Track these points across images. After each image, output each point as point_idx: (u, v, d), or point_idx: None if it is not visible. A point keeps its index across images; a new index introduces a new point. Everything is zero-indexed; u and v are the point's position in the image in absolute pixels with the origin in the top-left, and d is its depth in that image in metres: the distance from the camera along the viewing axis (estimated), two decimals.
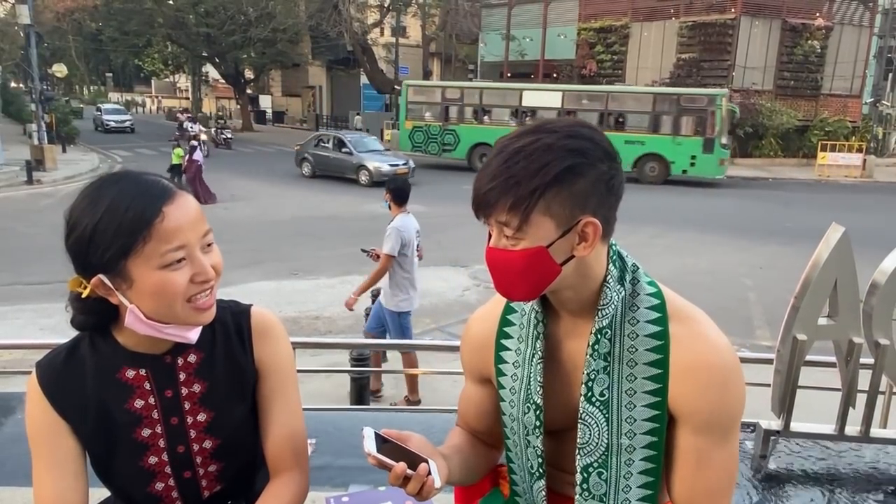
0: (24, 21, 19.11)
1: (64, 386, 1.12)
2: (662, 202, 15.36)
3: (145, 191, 1.04)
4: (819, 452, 2.46)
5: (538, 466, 1.17)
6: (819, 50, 25.36)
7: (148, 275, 1.02)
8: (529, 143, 1.00)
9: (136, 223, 1.00)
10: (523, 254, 1.01)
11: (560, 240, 1.01)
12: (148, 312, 1.06)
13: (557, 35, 29.18)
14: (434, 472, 1.03)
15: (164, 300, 1.04)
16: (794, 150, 25.16)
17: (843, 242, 2.10)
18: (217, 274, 1.10)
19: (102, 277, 1.04)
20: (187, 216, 1.05)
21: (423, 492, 1.02)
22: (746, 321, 7.22)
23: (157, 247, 1.01)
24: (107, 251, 1.01)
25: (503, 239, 1.03)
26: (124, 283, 1.04)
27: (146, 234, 1.00)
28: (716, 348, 1.06)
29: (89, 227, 1.01)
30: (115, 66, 61.40)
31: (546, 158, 0.98)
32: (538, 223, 1.00)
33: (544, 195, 0.98)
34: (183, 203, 1.06)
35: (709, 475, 1.08)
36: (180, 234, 1.03)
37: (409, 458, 1.03)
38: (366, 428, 1.05)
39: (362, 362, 4.46)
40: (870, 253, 2.68)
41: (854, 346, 2.21)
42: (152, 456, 1.15)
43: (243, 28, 32.89)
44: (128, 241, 1.00)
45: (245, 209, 13.70)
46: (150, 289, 1.03)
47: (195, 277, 1.06)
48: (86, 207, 1.03)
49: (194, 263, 1.06)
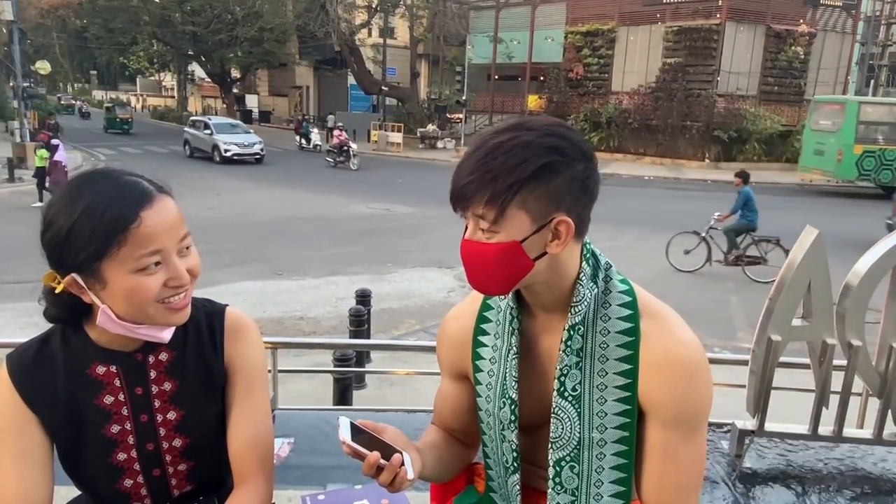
0: (6, 17, 18.91)
1: (34, 378, 1.11)
2: (645, 205, 15.47)
3: (124, 194, 1.03)
4: (793, 452, 2.49)
5: (513, 461, 1.18)
6: (802, 56, 25.67)
7: (121, 278, 1.02)
8: (509, 140, 1.02)
9: (112, 227, 1.00)
10: (497, 247, 1.03)
11: (534, 235, 1.03)
12: (120, 313, 1.06)
13: (545, 38, 29.32)
14: (408, 464, 1.04)
15: (135, 302, 1.05)
16: (777, 154, 25.43)
17: (816, 245, 2.14)
18: (193, 277, 1.10)
19: (76, 276, 1.04)
20: (164, 221, 1.05)
21: (396, 483, 1.02)
22: (727, 323, 7.29)
23: (132, 251, 1.01)
24: (81, 252, 1.01)
25: (478, 232, 1.05)
26: (97, 284, 1.04)
27: (121, 239, 1.00)
28: (684, 344, 1.08)
29: (65, 228, 1.01)
30: (99, 63, 60.93)
31: (525, 155, 1.00)
32: (513, 218, 1.01)
33: (521, 190, 1.00)
34: (161, 207, 1.05)
35: (676, 471, 1.09)
36: (156, 239, 1.03)
37: (384, 449, 1.03)
38: (342, 417, 1.06)
39: (345, 363, 4.45)
40: (846, 255, 2.73)
41: (827, 347, 2.25)
42: (121, 452, 1.15)
43: (230, 27, 32.76)
44: (103, 244, 1.00)
45: (229, 209, 13.63)
46: (123, 291, 1.03)
47: (169, 282, 1.06)
48: (63, 206, 1.02)
49: (169, 268, 1.06)
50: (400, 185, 18.30)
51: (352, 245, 10.81)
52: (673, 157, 25.35)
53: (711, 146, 24.69)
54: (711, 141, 24.63)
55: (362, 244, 10.88)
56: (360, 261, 9.67)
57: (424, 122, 30.87)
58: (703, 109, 24.30)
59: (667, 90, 24.78)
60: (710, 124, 24.30)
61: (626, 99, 26.23)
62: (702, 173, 23.19)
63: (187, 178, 16.87)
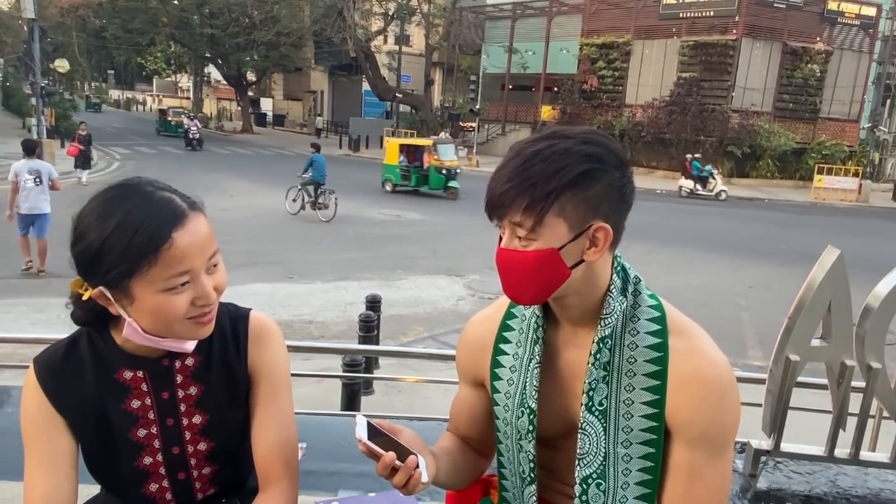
0: (28, 15, 19.11)
1: (62, 382, 1.11)
2: (656, 219, 15.41)
3: (157, 213, 1.02)
4: (808, 474, 2.46)
5: (530, 471, 1.17)
6: (818, 74, 25.59)
7: (150, 296, 1.02)
8: (546, 147, 1.02)
9: (144, 247, 0.99)
10: (535, 255, 1.02)
11: (571, 243, 1.02)
12: (146, 328, 1.06)
13: (560, 49, 29.37)
14: (423, 467, 1.03)
15: (162, 319, 1.04)
16: (790, 172, 25.32)
17: (838, 265, 2.11)
18: (219, 293, 1.10)
19: (104, 290, 1.04)
20: (195, 242, 1.04)
21: (410, 485, 1.02)
22: (739, 340, 7.23)
23: (162, 272, 1.01)
24: (111, 270, 1.00)
25: (515, 240, 1.04)
26: (125, 299, 1.04)
27: (152, 260, 1.00)
28: (713, 363, 1.07)
29: (96, 243, 1.00)
30: (117, 63, 61.48)
31: (563, 162, 1.00)
32: (552, 225, 1.01)
33: (560, 198, 1.00)
34: (193, 227, 1.04)
35: (699, 491, 1.08)
36: (186, 260, 1.03)
37: (399, 450, 1.03)
38: (359, 415, 1.06)
39: (354, 368, 4.44)
40: (863, 277, 2.70)
41: (846, 369, 2.21)
42: (147, 456, 1.15)
43: (247, 30, 33.02)
44: (133, 264, 1.00)
45: (242, 210, 13.68)
46: (151, 309, 1.03)
47: (196, 301, 1.06)
48: (94, 220, 1.01)
49: (197, 287, 1.05)
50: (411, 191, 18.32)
51: (362, 250, 10.83)
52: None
53: (724, 161, 24.61)
54: (724, 156, 24.57)
55: (372, 250, 10.89)
56: (369, 266, 9.67)
57: (437, 129, 30.95)
58: (717, 124, 24.27)
59: (681, 104, 24.76)
60: (723, 139, 24.26)
61: (640, 112, 26.23)
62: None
63: (200, 180, 16.96)
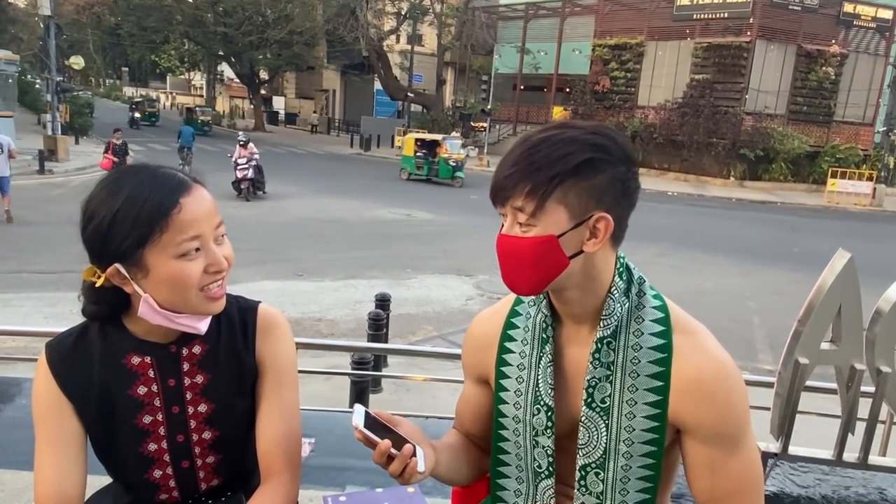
0: (44, 12, 19.34)
1: (71, 367, 1.14)
2: (668, 221, 15.35)
3: (163, 182, 1.06)
4: (816, 477, 2.45)
5: (547, 465, 1.18)
6: (833, 77, 25.37)
7: (164, 264, 1.05)
8: (554, 135, 1.03)
9: (154, 213, 1.03)
10: (533, 241, 1.03)
11: (571, 231, 1.03)
12: (162, 302, 1.08)
13: (572, 50, 29.30)
14: (419, 456, 1.04)
15: (178, 289, 1.07)
16: (803, 175, 25.13)
17: (848, 268, 2.10)
18: (229, 264, 1.13)
19: (118, 266, 1.06)
20: (203, 208, 1.08)
21: (406, 474, 1.03)
22: (749, 344, 7.19)
23: (174, 237, 1.04)
24: (124, 240, 1.03)
25: (516, 226, 1.05)
26: (140, 273, 1.06)
27: (163, 225, 1.03)
28: (717, 360, 1.08)
29: (107, 218, 1.03)
30: (131, 60, 61.95)
31: (568, 149, 1.01)
32: (552, 211, 1.01)
33: (562, 184, 1.00)
34: (199, 195, 1.09)
35: (726, 483, 1.09)
36: (196, 224, 1.06)
37: (397, 440, 1.04)
38: (357, 404, 1.07)
39: (363, 365, 4.45)
40: (875, 281, 2.68)
41: (856, 373, 2.20)
42: (152, 443, 1.17)
43: (260, 29, 33.17)
44: (145, 230, 1.03)
45: (251, 209, 13.76)
46: (166, 277, 1.05)
47: (209, 268, 1.09)
48: (104, 198, 1.05)
49: (208, 254, 1.08)
50: (421, 191, 18.34)
51: (372, 249, 10.85)
52: (697, 174, 25.17)
53: (737, 164, 24.48)
54: (737, 159, 24.43)
55: (382, 248, 10.92)
56: (379, 265, 9.70)
57: (448, 129, 30.96)
58: (730, 127, 24.11)
59: (694, 106, 24.63)
60: (736, 142, 24.10)
61: (652, 114, 26.12)
62: (726, 191, 23.01)
63: (211, 179, 17.04)
